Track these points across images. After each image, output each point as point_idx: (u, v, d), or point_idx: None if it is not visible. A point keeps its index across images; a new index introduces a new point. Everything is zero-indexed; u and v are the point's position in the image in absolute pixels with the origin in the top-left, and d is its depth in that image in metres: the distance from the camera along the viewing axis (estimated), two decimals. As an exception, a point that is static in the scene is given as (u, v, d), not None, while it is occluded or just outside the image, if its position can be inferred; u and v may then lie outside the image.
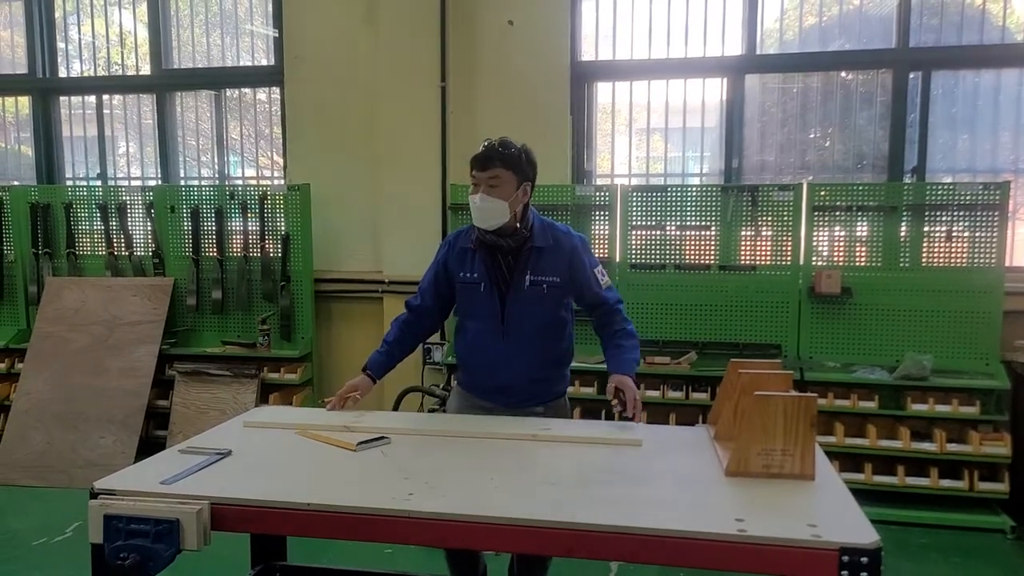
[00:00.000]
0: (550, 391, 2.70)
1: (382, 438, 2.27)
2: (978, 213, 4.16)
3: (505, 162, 2.47)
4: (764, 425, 1.90)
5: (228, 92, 5.61)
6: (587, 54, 5.01)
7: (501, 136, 2.54)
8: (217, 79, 5.56)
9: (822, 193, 4.34)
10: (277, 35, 5.30)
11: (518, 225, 2.54)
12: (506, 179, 2.48)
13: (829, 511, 1.70)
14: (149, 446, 4.56)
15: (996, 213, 4.13)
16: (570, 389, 4.33)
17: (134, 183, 5.73)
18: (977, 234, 4.18)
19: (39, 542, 3.81)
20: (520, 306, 2.57)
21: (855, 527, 1.59)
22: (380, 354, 2.70)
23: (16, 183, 5.83)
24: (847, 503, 1.76)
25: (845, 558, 1.50)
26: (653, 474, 1.99)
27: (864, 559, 1.49)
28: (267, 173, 5.70)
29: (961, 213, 4.19)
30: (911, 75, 4.58)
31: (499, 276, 2.59)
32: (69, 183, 5.81)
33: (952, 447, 3.96)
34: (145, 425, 4.75)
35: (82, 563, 1.82)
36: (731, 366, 2.28)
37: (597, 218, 4.63)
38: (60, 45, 5.78)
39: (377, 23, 4.93)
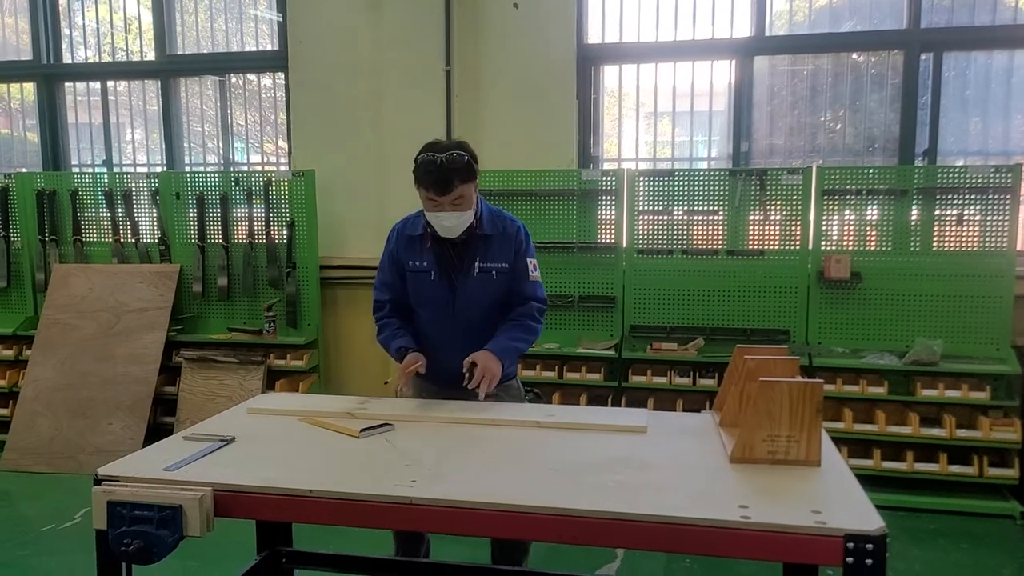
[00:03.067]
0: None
1: (385, 425, 2.27)
2: (990, 196, 4.11)
3: (463, 178, 2.45)
4: (769, 411, 1.87)
5: (233, 78, 5.59)
6: (593, 37, 4.96)
7: (445, 151, 2.44)
8: (221, 64, 5.53)
9: (832, 177, 4.29)
10: (281, 19, 5.27)
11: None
12: (467, 192, 2.48)
13: (834, 497, 1.68)
14: (157, 432, 4.58)
15: (1008, 196, 4.08)
16: (576, 375, 4.39)
17: (140, 170, 5.72)
18: (989, 218, 4.13)
19: (48, 528, 3.83)
20: (470, 293, 2.60)
21: (860, 514, 1.57)
22: (401, 333, 2.63)
23: (23, 170, 5.83)
24: (852, 489, 1.73)
25: (850, 545, 1.48)
26: (657, 460, 1.97)
27: (869, 546, 1.47)
28: (273, 159, 5.68)
29: (972, 196, 4.14)
30: (923, 56, 4.52)
31: (448, 264, 2.61)
32: (75, 170, 5.82)
33: (962, 433, 3.94)
34: (152, 412, 4.77)
35: (91, 548, 1.83)
36: (737, 352, 2.26)
37: (604, 203, 4.59)
38: (64, 31, 5.77)
39: (381, 7, 4.89)
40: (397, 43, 4.87)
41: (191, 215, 5.07)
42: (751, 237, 4.42)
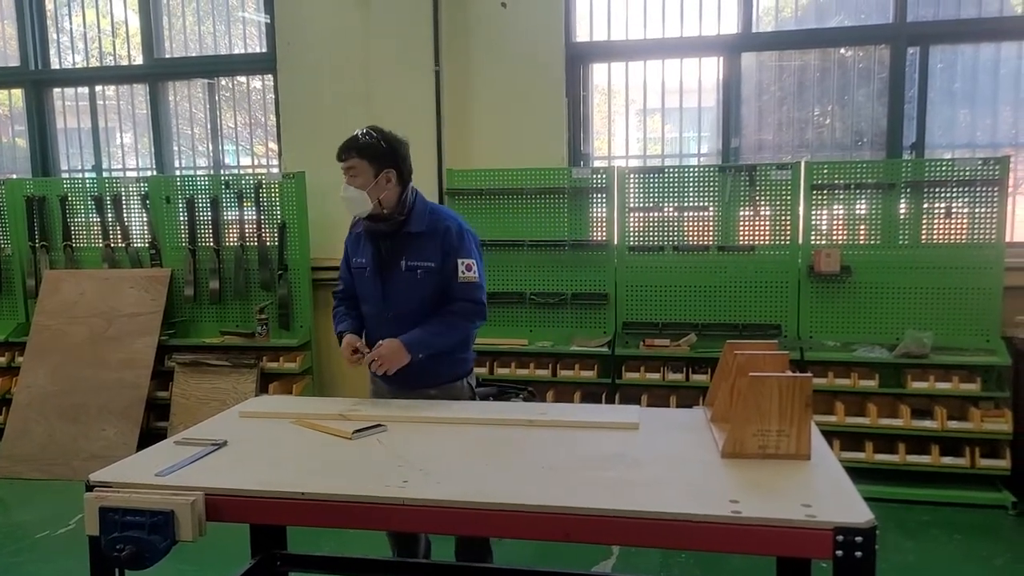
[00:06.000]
0: (443, 373, 2.72)
1: (378, 426, 2.27)
2: (978, 189, 4.13)
3: (360, 152, 2.57)
4: (759, 406, 1.88)
5: (223, 81, 5.58)
6: (582, 35, 4.97)
7: (371, 124, 2.64)
8: (209, 67, 5.52)
9: (821, 171, 4.31)
10: (269, 21, 5.26)
11: (384, 212, 2.62)
12: (361, 168, 2.57)
13: (824, 491, 1.69)
14: (150, 437, 4.56)
15: (996, 188, 4.10)
16: (570, 373, 4.39)
17: (130, 174, 5.70)
18: (977, 210, 4.15)
19: (43, 534, 3.82)
20: (400, 290, 2.66)
21: (850, 506, 1.59)
22: (343, 317, 2.84)
23: (13, 176, 5.81)
24: (842, 482, 1.75)
25: (839, 538, 1.49)
26: (649, 457, 1.98)
27: (858, 538, 1.48)
28: (264, 161, 5.67)
29: (961, 189, 4.16)
30: (909, 50, 4.53)
31: (380, 261, 2.68)
32: (65, 175, 5.80)
33: (953, 424, 3.96)
34: (146, 416, 4.76)
35: (86, 554, 1.84)
36: (727, 347, 2.27)
37: (595, 200, 4.60)
38: (52, 36, 5.75)
39: (369, 7, 4.89)
40: (385, 43, 4.86)
41: (181, 219, 5.06)
42: (741, 233, 4.43)
